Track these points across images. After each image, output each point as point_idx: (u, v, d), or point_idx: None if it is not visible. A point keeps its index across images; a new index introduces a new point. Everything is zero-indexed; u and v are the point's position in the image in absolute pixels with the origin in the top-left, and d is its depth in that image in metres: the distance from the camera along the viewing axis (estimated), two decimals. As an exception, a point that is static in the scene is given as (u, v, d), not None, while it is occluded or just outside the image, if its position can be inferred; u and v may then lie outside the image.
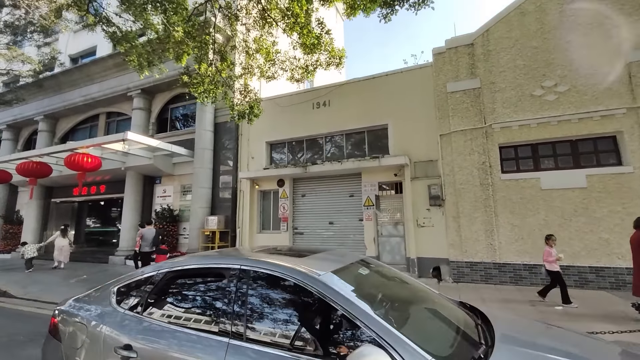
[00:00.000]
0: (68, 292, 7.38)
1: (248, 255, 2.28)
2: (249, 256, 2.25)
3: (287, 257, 2.36)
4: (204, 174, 10.45)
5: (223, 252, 2.75)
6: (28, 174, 10.37)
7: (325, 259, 2.37)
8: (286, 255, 2.56)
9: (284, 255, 2.48)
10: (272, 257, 2.28)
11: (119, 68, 12.59)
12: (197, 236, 10.00)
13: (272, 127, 10.38)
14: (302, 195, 9.85)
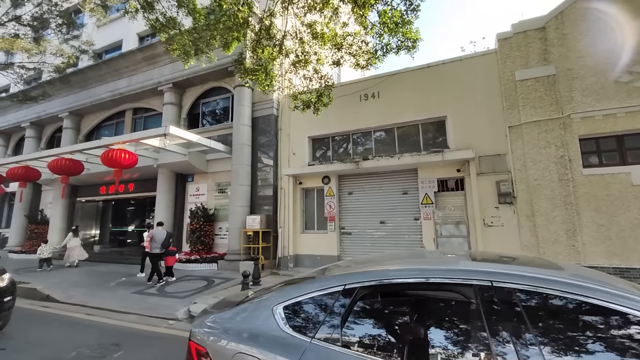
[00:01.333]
0: (113, 297, 6.92)
1: (510, 268, 1.64)
2: (515, 270, 1.59)
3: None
4: (244, 171, 9.94)
5: (439, 257, 2.17)
6: (60, 171, 9.97)
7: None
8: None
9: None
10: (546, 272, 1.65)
11: (149, 62, 12.15)
12: (237, 236, 9.50)
13: (315, 121, 9.77)
14: (349, 193, 9.29)
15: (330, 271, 2.07)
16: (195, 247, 10.07)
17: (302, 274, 2.85)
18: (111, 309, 6.06)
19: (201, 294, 6.91)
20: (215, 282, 7.81)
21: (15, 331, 4.89)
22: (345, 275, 1.82)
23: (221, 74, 11.13)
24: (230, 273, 8.88)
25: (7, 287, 4.78)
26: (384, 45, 6.24)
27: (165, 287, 7.61)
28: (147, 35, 14.54)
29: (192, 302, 6.22)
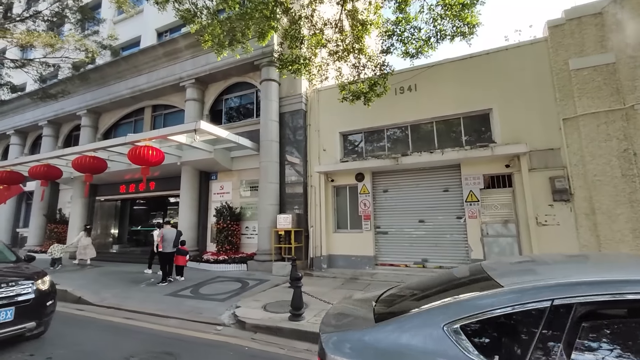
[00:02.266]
0: (147, 299, 6.60)
1: None
2: None
3: None
4: (272, 168, 9.58)
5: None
6: (84, 169, 9.69)
7: None
8: None
9: None
10: None
11: (170, 57, 11.85)
12: (267, 236, 9.15)
13: (346, 116, 9.43)
14: (384, 190, 8.89)
15: (498, 277, 1.67)
16: (223, 247, 9.74)
17: (408, 283, 2.46)
18: (149, 313, 5.74)
19: (239, 296, 6.56)
20: (249, 284, 7.47)
21: (56, 337, 4.58)
22: (551, 288, 1.41)
23: (245, 68, 10.80)
24: (262, 274, 8.54)
25: (49, 290, 4.47)
26: (438, 31, 5.83)
27: (200, 288, 7.28)
28: (166, 31, 14.26)
29: (233, 306, 5.88)
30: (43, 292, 4.33)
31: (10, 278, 4.12)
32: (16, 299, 3.98)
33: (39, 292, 4.26)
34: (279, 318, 4.97)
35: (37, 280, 4.34)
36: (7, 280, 4.03)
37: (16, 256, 5.08)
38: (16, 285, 4.06)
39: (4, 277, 4.11)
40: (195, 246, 10.73)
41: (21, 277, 4.25)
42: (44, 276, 4.53)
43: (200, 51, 11.24)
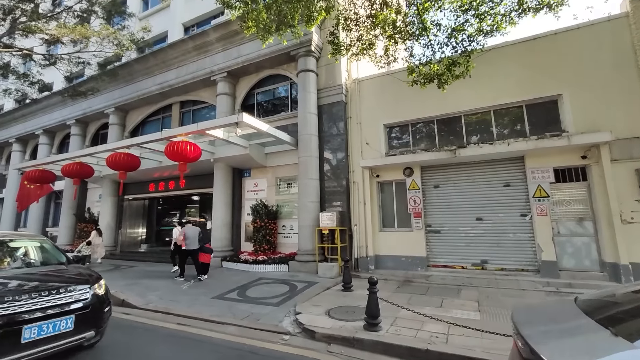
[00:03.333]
0: (194, 302, 6.18)
1: None
2: None
3: None
4: (312, 164, 9.08)
5: None
6: (118, 166, 9.41)
7: None
8: None
9: None
10: None
11: (200, 50, 11.48)
12: (309, 235, 8.65)
13: (391, 107, 8.85)
14: (435, 186, 8.26)
15: None
16: (261, 246, 9.31)
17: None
18: (203, 318, 5.31)
19: (292, 300, 6.08)
20: (298, 287, 6.98)
21: (111, 346, 4.20)
22: None
23: (279, 60, 10.32)
24: (306, 275, 8.05)
25: (105, 295, 4.07)
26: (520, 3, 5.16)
27: (246, 290, 6.85)
28: (193, 25, 13.95)
29: (291, 311, 5.40)
30: (100, 297, 3.93)
31: (67, 283, 3.72)
32: (75, 306, 3.58)
33: (97, 298, 3.86)
34: (352, 327, 4.44)
35: (94, 284, 3.95)
36: (64, 285, 3.64)
37: (66, 257, 4.72)
38: (74, 291, 3.66)
39: (61, 282, 3.73)
40: (229, 246, 10.36)
41: (78, 281, 3.86)
42: (100, 280, 4.14)
43: (231, 43, 10.85)
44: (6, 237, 4.44)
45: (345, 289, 6.60)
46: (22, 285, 3.49)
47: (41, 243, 4.76)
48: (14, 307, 3.15)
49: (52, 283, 3.66)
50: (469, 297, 5.95)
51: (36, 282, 3.62)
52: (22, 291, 3.31)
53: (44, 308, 3.33)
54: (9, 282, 3.52)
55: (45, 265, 4.32)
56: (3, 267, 3.97)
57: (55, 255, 4.67)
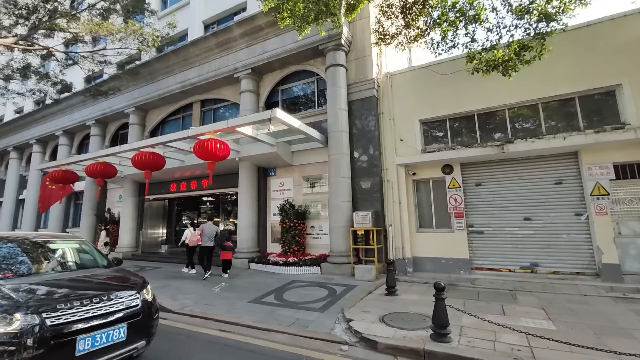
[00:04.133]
0: (232, 306, 5.81)
1: None
2: None
3: None
4: (344, 162, 8.71)
5: None
6: (144, 165, 9.19)
7: None
8: None
9: None
10: None
11: (223, 47, 11.23)
12: (342, 236, 8.28)
13: (427, 101, 8.43)
14: (477, 184, 7.81)
15: None
16: (290, 248, 8.97)
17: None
18: (246, 325, 4.98)
19: (336, 305, 5.71)
20: (337, 291, 6.61)
21: (156, 355, 3.88)
22: None
23: (305, 55, 9.99)
24: (341, 278, 7.68)
25: (153, 300, 3.77)
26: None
27: (283, 294, 6.51)
28: (213, 23, 13.75)
29: (340, 318, 5.03)
30: (149, 303, 3.62)
31: (116, 288, 3.43)
32: (126, 314, 3.27)
33: (146, 304, 3.56)
34: (417, 337, 4.05)
35: (142, 289, 3.64)
36: (114, 291, 3.34)
37: (107, 259, 4.44)
38: (124, 297, 3.35)
39: (110, 287, 3.43)
40: (255, 247, 10.06)
41: (126, 286, 3.56)
42: (147, 284, 3.83)
43: (256, 39, 10.57)
44: (45, 239, 4.18)
45: (390, 293, 6.20)
46: (71, 291, 3.19)
47: (80, 244, 4.49)
48: (67, 316, 2.85)
49: (100, 289, 3.37)
50: (529, 303, 5.49)
51: (84, 288, 3.33)
52: (72, 298, 3.01)
53: (97, 317, 3.03)
54: (57, 288, 3.24)
55: (88, 269, 4.04)
56: (47, 272, 3.69)
57: (95, 257, 4.39)
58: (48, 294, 3.06)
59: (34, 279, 3.34)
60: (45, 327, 2.70)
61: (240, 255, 9.75)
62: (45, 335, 2.68)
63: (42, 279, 3.40)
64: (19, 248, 3.82)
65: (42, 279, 3.40)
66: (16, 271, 3.49)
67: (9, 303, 2.75)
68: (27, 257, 3.79)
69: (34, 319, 2.69)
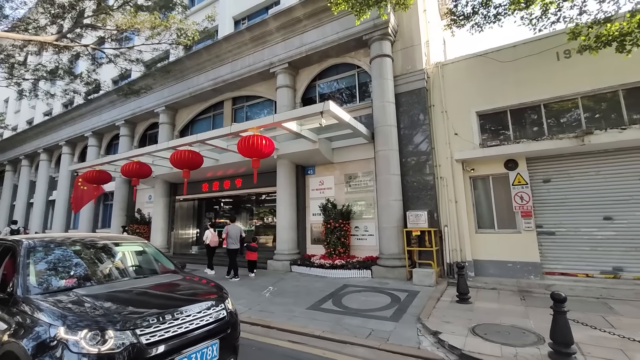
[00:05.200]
0: (291, 313, 5.34)
1: None
2: None
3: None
4: (393, 158, 8.19)
5: None
6: (183, 164, 8.89)
7: None
8: None
9: None
10: None
11: (257, 42, 10.88)
12: (394, 237, 7.75)
13: (484, 92, 7.82)
14: (545, 180, 7.15)
15: None
16: (336, 249, 8.50)
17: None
18: (315, 335, 4.52)
19: (407, 313, 5.20)
20: (400, 298, 6.09)
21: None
22: None
23: (346, 47, 9.51)
24: (396, 283, 7.15)
25: (235, 311, 3.35)
26: None
27: (341, 300, 6.03)
28: (243, 19, 13.43)
29: (422, 329, 4.52)
30: (234, 314, 3.21)
31: (201, 299, 3.01)
32: (216, 328, 2.86)
33: (232, 316, 3.15)
34: (531, 356, 3.50)
35: (226, 299, 3.23)
36: (201, 302, 2.92)
37: (174, 263, 4.06)
38: (212, 309, 2.94)
39: (196, 298, 3.02)
40: (295, 248, 9.63)
41: (209, 295, 3.15)
42: (227, 292, 3.42)
43: (293, 32, 10.16)
44: (111, 241, 3.82)
45: (462, 300, 5.64)
46: (157, 301, 2.80)
47: (143, 247, 4.13)
48: (161, 332, 2.45)
49: (186, 299, 2.96)
50: (632, 314, 4.84)
51: (169, 298, 2.94)
52: (162, 310, 2.60)
53: (189, 332, 2.62)
54: (140, 297, 2.85)
55: (160, 275, 3.66)
56: (120, 278, 3.32)
57: (162, 260, 4.02)
58: (134, 305, 2.68)
59: (110, 287, 2.97)
60: (141, 347, 2.30)
61: (281, 257, 9.35)
62: (142, 356, 2.28)
63: (118, 286, 3.02)
64: (87, 251, 3.47)
65: (118, 286, 3.02)
66: (90, 278, 3.13)
67: (96, 317, 2.36)
68: (98, 262, 3.43)
69: (128, 336, 2.30)
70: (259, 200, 12.36)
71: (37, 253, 3.13)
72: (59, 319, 2.31)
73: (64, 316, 2.32)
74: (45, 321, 2.34)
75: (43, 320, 2.35)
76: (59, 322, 2.28)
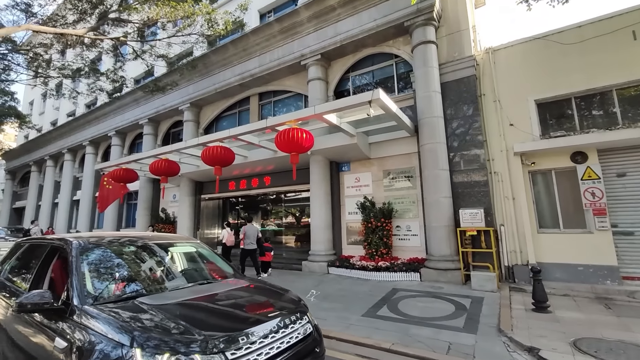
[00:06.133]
0: (344, 321, 4.73)
1: None
2: None
3: None
4: (441, 151, 7.57)
5: None
6: (215, 161, 8.48)
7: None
8: None
9: None
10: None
11: (287, 33, 10.43)
12: (445, 237, 7.13)
13: (543, 78, 7.12)
14: (619, 174, 6.40)
15: None
16: (378, 250, 7.93)
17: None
18: (384, 348, 3.98)
19: (481, 324, 4.60)
20: (465, 305, 5.48)
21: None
22: None
23: (385, 34, 8.93)
24: (452, 287, 6.53)
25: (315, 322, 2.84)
26: None
27: (397, 306, 5.47)
28: (269, 11, 13.03)
29: (509, 343, 3.91)
30: (318, 329, 2.70)
31: (285, 311, 2.51)
32: (306, 347, 2.36)
33: (317, 331, 2.64)
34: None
35: (307, 311, 2.73)
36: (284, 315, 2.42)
37: (232, 267, 3.60)
38: (297, 324, 2.44)
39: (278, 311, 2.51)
40: (331, 249, 9.12)
41: (289, 307, 2.64)
42: (304, 300, 2.92)
43: (326, 21, 9.66)
44: (165, 241, 3.38)
45: (540, 309, 5.00)
46: (239, 316, 2.32)
47: (196, 247, 3.68)
48: (253, 355, 1.96)
49: (269, 312, 2.46)
50: None
51: (250, 311, 2.45)
52: (247, 327, 2.12)
53: (281, 353, 2.13)
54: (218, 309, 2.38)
55: (222, 281, 3.19)
56: (184, 285, 2.86)
57: (218, 263, 3.56)
58: (214, 319, 2.20)
59: (177, 296, 2.51)
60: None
61: (317, 258, 8.85)
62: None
63: (185, 295, 2.55)
64: (142, 253, 3.04)
65: (185, 295, 2.55)
66: (152, 285, 2.69)
67: (175, 336, 1.88)
68: (156, 265, 2.99)
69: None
70: (288, 199, 11.89)
71: (90, 255, 2.71)
72: (131, 337, 1.85)
73: (136, 334, 1.86)
74: (112, 339, 1.88)
75: (110, 338, 1.90)
76: (132, 342, 1.82)
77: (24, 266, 3.20)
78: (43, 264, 2.91)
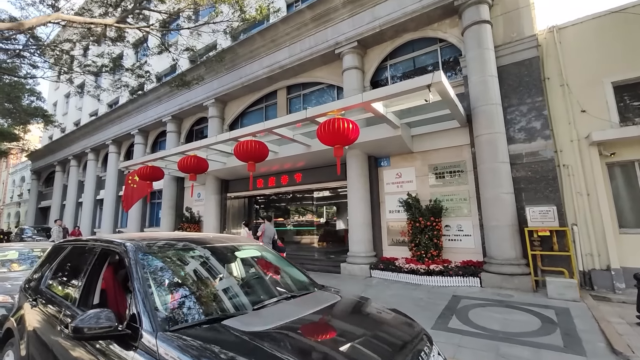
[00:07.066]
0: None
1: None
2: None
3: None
4: (501, 142, 6.80)
5: None
6: (248, 157, 7.96)
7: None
8: None
9: None
10: None
11: (319, 21, 9.83)
12: (508, 237, 6.37)
13: (622, 57, 6.26)
14: None
15: None
16: (428, 252, 7.24)
17: None
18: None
19: (587, 342, 3.86)
20: (552, 318, 4.73)
21: None
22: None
23: (430, 17, 8.20)
24: (523, 295, 5.78)
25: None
26: None
27: (467, 316, 4.78)
28: (297, 1, 12.45)
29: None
30: None
31: (411, 341, 1.89)
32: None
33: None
34: None
35: (431, 340, 2.10)
36: (414, 347, 1.81)
37: (307, 275, 3.01)
38: (429, 356, 1.82)
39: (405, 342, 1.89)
40: (371, 250, 8.48)
41: (413, 331, 2.02)
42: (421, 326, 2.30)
43: (362, 6, 9.00)
44: (229, 243, 2.81)
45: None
46: (373, 347, 1.72)
47: (260, 251, 3.11)
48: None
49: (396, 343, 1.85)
50: None
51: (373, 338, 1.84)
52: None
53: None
54: (329, 335, 1.78)
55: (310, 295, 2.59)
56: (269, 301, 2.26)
57: (292, 272, 2.97)
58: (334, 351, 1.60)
59: (272, 318, 1.92)
60: None
61: (358, 260, 8.22)
62: None
63: (276, 314, 1.97)
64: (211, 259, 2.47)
65: (276, 314, 1.97)
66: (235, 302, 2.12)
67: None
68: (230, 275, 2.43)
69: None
70: (320, 197, 11.31)
71: (153, 262, 2.15)
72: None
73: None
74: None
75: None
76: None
77: (69, 273, 2.69)
78: (92, 272, 2.38)
